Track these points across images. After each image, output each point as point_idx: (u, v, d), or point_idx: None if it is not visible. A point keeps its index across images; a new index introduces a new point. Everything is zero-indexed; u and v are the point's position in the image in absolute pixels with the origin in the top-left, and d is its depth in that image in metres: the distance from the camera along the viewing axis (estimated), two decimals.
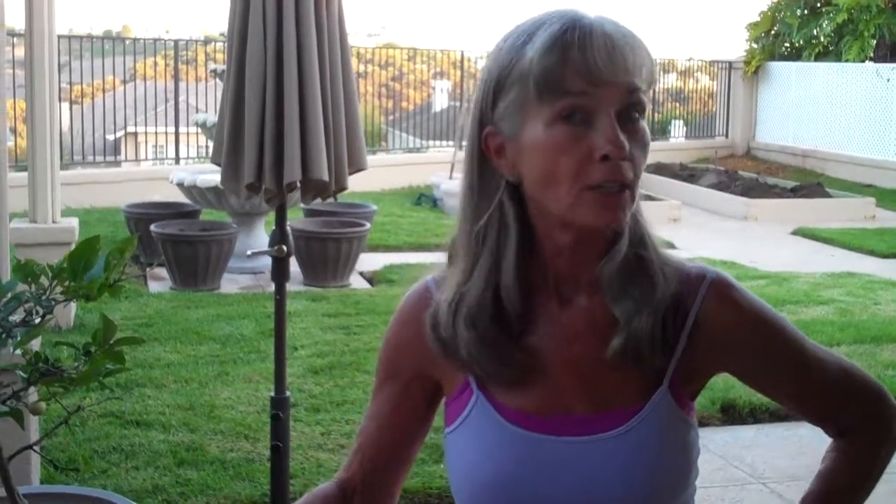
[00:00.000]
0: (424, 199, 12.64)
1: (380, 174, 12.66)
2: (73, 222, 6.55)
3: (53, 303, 2.96)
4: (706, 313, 1.31)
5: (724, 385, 5.53)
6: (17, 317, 2.91)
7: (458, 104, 15.32)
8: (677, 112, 18.56)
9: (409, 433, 1.45)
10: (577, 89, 1.21)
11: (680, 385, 1.32)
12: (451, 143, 14.45)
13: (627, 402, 1.29)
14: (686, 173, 14.78)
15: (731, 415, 5.29)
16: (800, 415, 1.45)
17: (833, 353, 1.42)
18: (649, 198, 12.91)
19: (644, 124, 1.26)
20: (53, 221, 6.39)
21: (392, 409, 1.43)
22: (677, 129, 18.39)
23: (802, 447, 4.94)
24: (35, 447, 3.24)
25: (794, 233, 11.41)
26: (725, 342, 1.32)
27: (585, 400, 1.30)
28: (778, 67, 17.17)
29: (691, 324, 1.31)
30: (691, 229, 11.58)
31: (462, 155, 1.35)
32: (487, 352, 1.30)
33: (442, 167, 13.18)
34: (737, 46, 19.30)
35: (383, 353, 1.45)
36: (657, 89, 16.63)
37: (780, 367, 1.36)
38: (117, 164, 13.87)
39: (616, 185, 1.23)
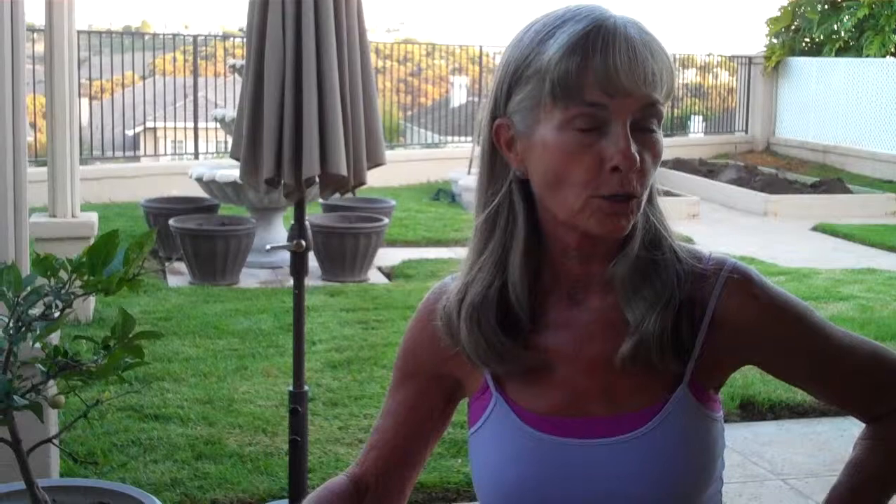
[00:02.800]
0: (443, 194, 12.64)
1: (398, 169, 12.67)
2: (93, 217, 6.57)
3: (73, 297, 2.98)
4: (724, 308, 1.29)
5: (744, 381, 5.51)
6: (36, 311, 2.93)
7: (476, 99, 15.30)
8: (696, 107, 18.48)
9: (426, 433, 1.44)
10: (593, 99, 1.19)
11: (701, 381, 1.30)
12: (469, 138, 14.44)
13: (646, 402, 1.27)
14: (705, 169, 14.72)
15: (750, 411, 5.27)
16: (832, 403, 1.41)
17: (864, 339, 1.37)
18: (668, 193, 12.87)
19: (659, 135, 1.24)
20: (73, 216, 6.41)
21: (409, 409, 1.42)
22: (696, 124, 18.31)
23: (822, 444, 4.92)
24: (54, 440, 3.26)
25: (815, 229, 11.35)
26: (746, 336, 1.30)
27: (604, 402, 1.28)
28: (798, 63, 17.08)
29: (709, 320, 1.29)
30: (710, 225, 11.54)
31: (479, 150, 1.34)
32: (491, 349, 1.29)
33: (460, 163, 13.16)
34: (757, 42, 19.28)
35: (401, 351, 1.44)
36: (676, 84, 16.86)
37: (807, 357, 1.33)
38: (136, 159, 13.91)
39: (624, 196, 1.22)
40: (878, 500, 1.39)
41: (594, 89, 1.19)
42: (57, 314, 2.96)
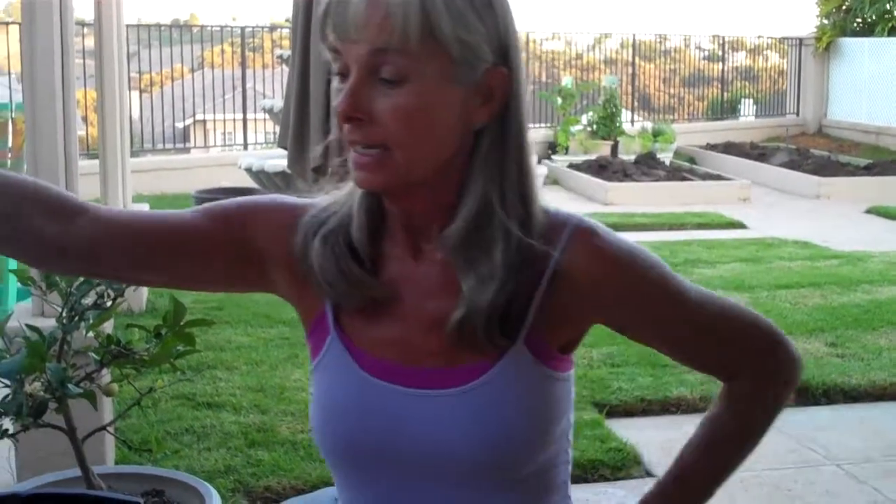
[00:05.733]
0: None
1: None
2: (144, 208, 6.64)
3: (125, 286, 3.01)
4: (567, 264, 1.22)
5: None
6: (89, 300, 2.97)
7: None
8: (747, 91, 18.28)
9: (186, 256, 1.30)
10: (331, 45, 1.17)
11: (543, 339, 1.24)
12: None
13: (480, 358, 1.22)
14: (756, 152, 14.56)
15: (805, 396, 5.21)
16: (683, 363, 1.38)
17: (718, 297, 1.33)
18: (719, 177, 12.77)
19: (402, 89, 1.15)
20: (124, 207, 6.48)
21: (192, 232, 1.30)
22: (747, 107, 18.13)
23: (877, 428, 4.86)
24: (108, 428, 3.30)
25: (868, 211, 11.18)
26: (590, 293, 1.23)
27: (438, 353, 1.24)
28: (850, 43, 16.82)
29: (550, 276, 1.22)
30: (762, 209, 11.42)
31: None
32: (339, 272, 1.24)
33: None
34: (807, 23, 19.02)
35: (238, 205, 1.32)
36: (726, 68, 16.27)
37: (655, 318, 1.28)
38: (186, 150, 14.03)
39: (364, 145, 1.17)
40: (731, 457, 1.38)
41: (331, 34, 1.17)
42: (109, 303, 3.00)
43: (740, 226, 10.31)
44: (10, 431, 2.86)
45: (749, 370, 1.34)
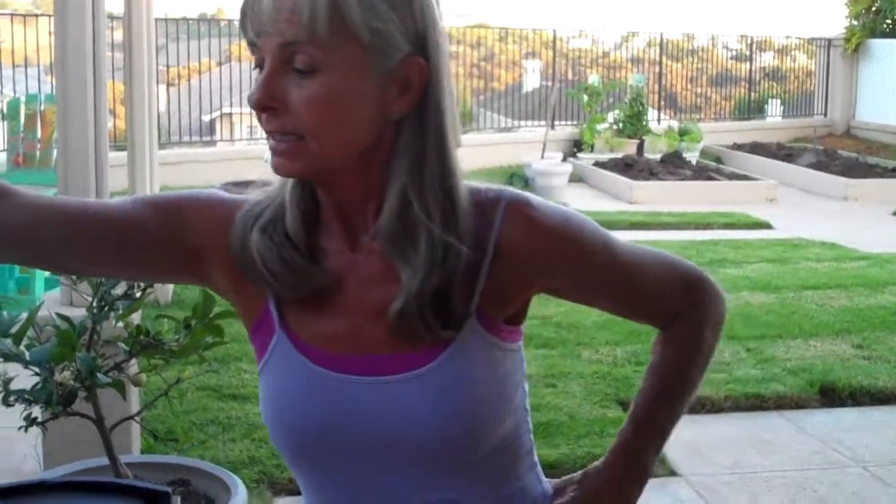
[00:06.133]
0: (516, 178, 12.60)
1: (471, 154, 12.62)
2: None
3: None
4: (505, 238, 1.24)
5: (823, 367, 5.43)
6: (118, 290, 2.98)
7: (549, 84, 15.22)
8: (774, 91, 18.18)
9: (121, 244, 1.28)
10: (249, 38, 1.19)
11: (492, 314, 1.25)
12: (542, 122, 14.37)
13: (430, 341, 1.22)
14: (783, 153, 14.48)
15: (830, 397, 5.18)
16: (625, 317, 1.42)
17: (644, 248, 1.37)
18: (745, 177, 12.71)
19: (316, 79, 1.16)
20: None
21: (136, 223, 1.27)
22: (774, 107, 18.02)
23: None
24: (136, 418, 3.32)
25: None
26: (530, 263, 1.25)
27: (387, 340, 1.23)
28: (879, 45, 16.69)
29: (492, 253, 1.24)
30: (789, 209, 11.36)
31: (553, 134, 1.32)
32: (279, 258, 1.23)
33: (534, 147, 13.11)
34: (836, 24, 18.83)
35: (177, 197, 1.31)
36: (754, 67, 16.16)
37: (594, 277, 1.32)
38: (213, 143, 14.09)
39: (281, 133, 1.18)
40: (681, 395, 1.42)
41: (249, 29, 1.18)
42: (139, 294, 3.02)
43: (767, 226, 10.26)
44: (40, 419, 2.88)
45: (684, 309, 1.39)
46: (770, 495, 4.15)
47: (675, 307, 1.39)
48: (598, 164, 13.25)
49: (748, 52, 17.94)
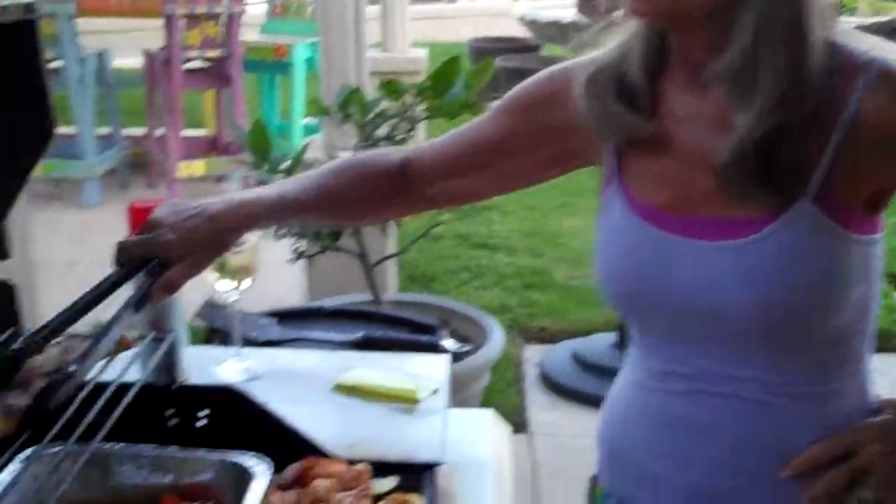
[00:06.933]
0: None
1: None
2: (422, 53, 6.74)
3: (417, 119, 3.07)
4: (871, 111, 1.11)
5: None
6: (382, 131, 3.04)
7: None
8: None
9: (506, 157, 1.37)
10: None
11: (837, 196, 1.13)
12: None
13: (760, 211, 1.14)
14: None
15: None
16: None
17: None
18: None
19: None
20: (404, 52, 6.62)
21: (498, 133, 1.37)
22: None
23: None
24: (395, 257, 3.42)
25: None
26: (894, 143, 1.12)
27: (719, 201, 1.16)
28: None
29: (849, 122, 1.11)
30: None
31: None
32: (604, 110, 1.24)
33: None
34: None
35: (526, 92, 1.37)
36: None
37: None
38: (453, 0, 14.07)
39: None
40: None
41: None
42: (401, 136, 3.07)
43: None
44: (308, 253, 3.00)
45: None
46: None
47: None
48: (860, 28, 12.41)
49: None
